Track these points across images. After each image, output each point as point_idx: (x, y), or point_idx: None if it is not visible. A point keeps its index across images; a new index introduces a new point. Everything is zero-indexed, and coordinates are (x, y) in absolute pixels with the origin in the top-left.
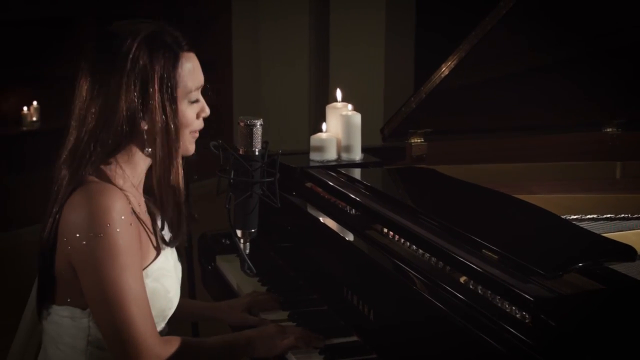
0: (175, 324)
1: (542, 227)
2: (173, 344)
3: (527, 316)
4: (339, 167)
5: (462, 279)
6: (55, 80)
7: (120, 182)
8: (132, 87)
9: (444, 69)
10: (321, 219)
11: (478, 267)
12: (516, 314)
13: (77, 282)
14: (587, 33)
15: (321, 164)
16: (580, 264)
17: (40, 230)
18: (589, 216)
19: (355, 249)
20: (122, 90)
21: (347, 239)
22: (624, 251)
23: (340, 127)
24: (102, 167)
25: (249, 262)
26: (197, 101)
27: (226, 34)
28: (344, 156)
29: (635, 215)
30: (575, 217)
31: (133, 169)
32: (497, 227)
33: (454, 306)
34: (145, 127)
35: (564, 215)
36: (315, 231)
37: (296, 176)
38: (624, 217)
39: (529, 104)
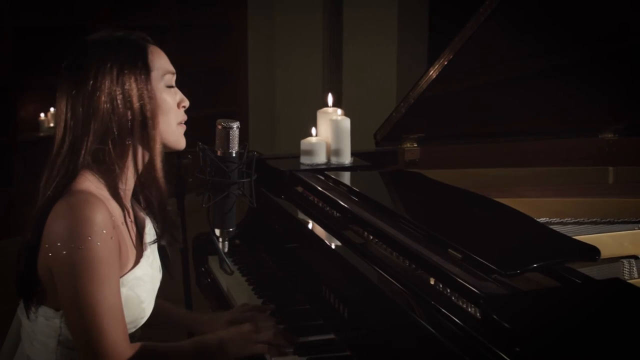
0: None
1: (512, 228)
2: (142, 351)
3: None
4: (327, 170)
5: (428, 278)
6: None
7: (108, 189)
8: (109, 78)
9: (431, 72)
10: (303, 221)
11: (442, 266)
12: (478, 314)
13: (53, 286)
14: (582, 38)
15: (310, 168)
16: (541, 263)
17: (26, 232)
18: (573, 220)
19: (330, 249)
20: (99, 85)
21: (324, 239)
22: (587, 251)
23: (329, 131)
24: (94, 173)
25: (226, 260)
26: (172, 87)
27: (241, 41)
28: (334, 160)
29: (621, 219)
30: (559, 220)
31: (124, 176)
32: (468, 227)
33: (417, 303)
34: (126, 117)
35: (548, 218)
36: (299, 233)
37: (285, 179)
38: (609, 221)
39: (523, 109)
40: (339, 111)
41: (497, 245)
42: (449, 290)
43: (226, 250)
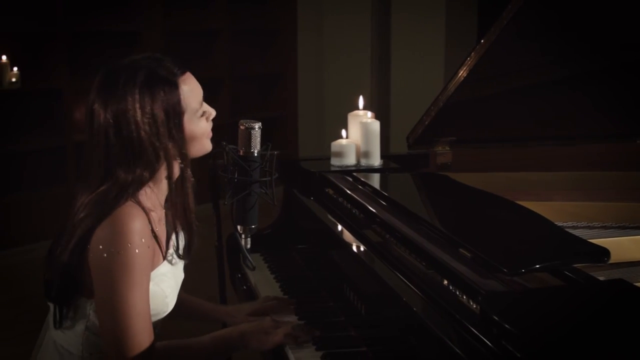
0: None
1: (527, 229)
2: (165, 349)
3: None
4: (355, 172)
5: (439, 278)
6: None
7: (146, 200)
8: (146, 126)
9: (460, 72)
10: (328, 221)
11: (451, 265)
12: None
13: (90, 280)
14: (616, 43)
15: (340, 169)
16: (547, 264)
17: (67, 233)
18: (600, 224)
19: (349, 247)
20: (138, 131)
21: (346, 239)
22: (596, 253)
23: (359, 133)
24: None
25: (248, 256)
26: (204, 113)
27: (291, 45)
28: (363, 162)
29: None
30: (585, 224)
31: (158, 188)
32: (483, 228)
33: (428, 302)
34: (162, 154)
35: (575, 222)
36: (324, 233)
37: (315, 180)
38: (637, 226)
39: (556, 114)
40: (369, 114)
41: (508, 245)
42: (458, 291)
43: (248, 246)
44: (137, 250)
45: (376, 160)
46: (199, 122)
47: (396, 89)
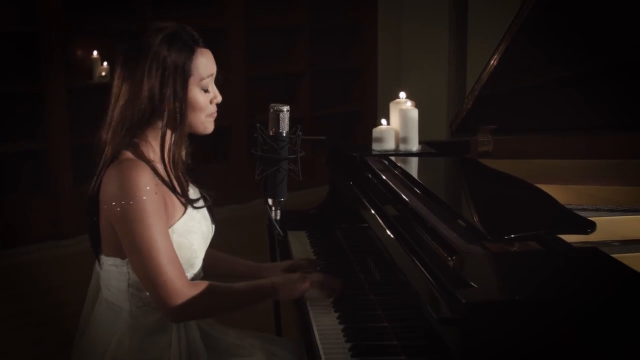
0: None
1: (528, 205)
2: (200, 286)
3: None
4: (393, 155)
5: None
6: None
7: (150, 155)
8: (154, 73)
9: (492, 61)
10: (362, 202)
11: (444, 234)
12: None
13: (116, 237)
14: None
15: (379, 153)
16: (530, 233)
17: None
18: (625, 207)
19: (378, 227)
20: (145, 76)
21: (375, 217)
22: (580, 225)
23: (398, 120)
24: (136, 142)
25: (277, 227)
26: (208, 91)
27: (372, 42)
28: (402, 147)
29: None
30: (608, 207)
31: (169, 146)
32: (486, 203)
33: (418, 264)
34: (164, 108)
35: (597, 205)
36: (359, 212)
37: (356, 163)
38: None
39: (596, 104)
40: (409, 102)
41: (503, 217)
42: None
43: (278, 218)
44: (144, 197)
45: (414, 146)
46: (201, 94)
47: (471, 88)
